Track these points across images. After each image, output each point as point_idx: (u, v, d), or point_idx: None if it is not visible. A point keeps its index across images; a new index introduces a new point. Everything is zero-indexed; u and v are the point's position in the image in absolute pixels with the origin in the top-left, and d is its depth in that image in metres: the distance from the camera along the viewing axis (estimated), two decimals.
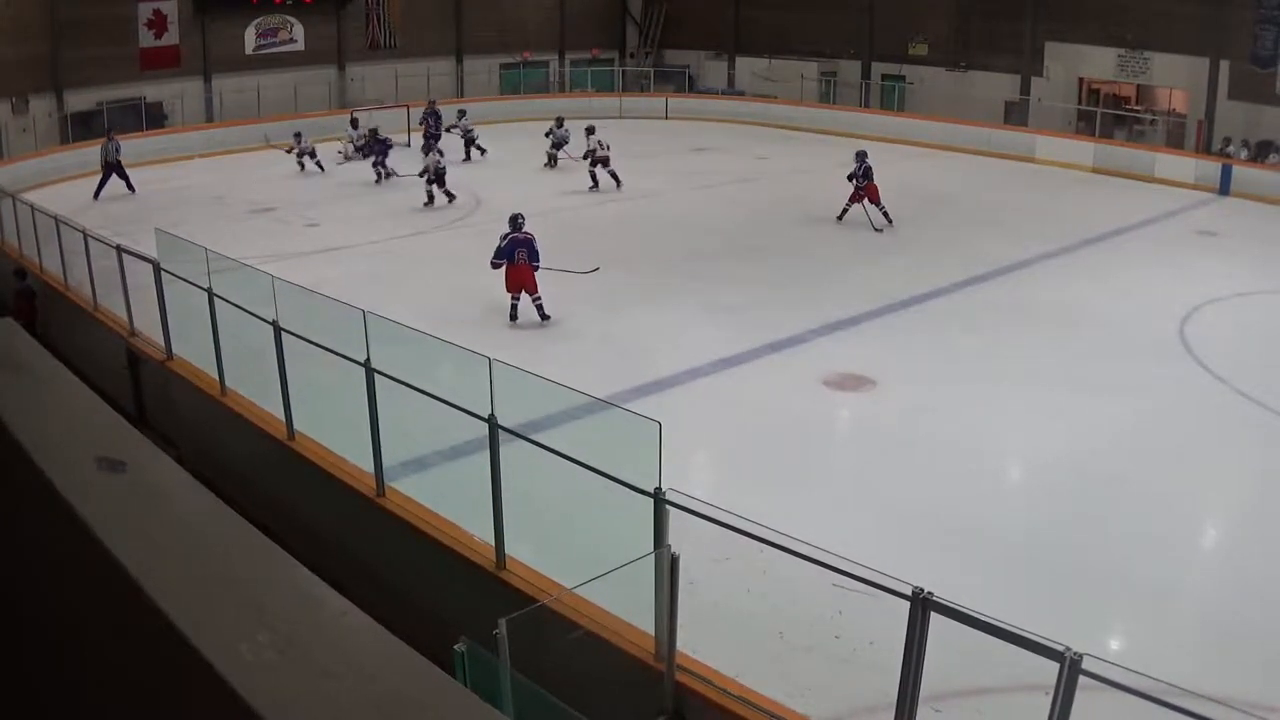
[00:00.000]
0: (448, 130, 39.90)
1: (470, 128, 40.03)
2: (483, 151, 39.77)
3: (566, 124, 38.37)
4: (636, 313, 21.07)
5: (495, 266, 20.96)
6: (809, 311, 21.47)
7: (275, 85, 45.11)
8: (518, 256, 20.78)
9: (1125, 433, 16.32)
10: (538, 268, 20.83)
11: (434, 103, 41.63)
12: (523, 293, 20.87)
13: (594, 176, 34.55)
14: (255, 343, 14.21)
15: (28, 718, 1.90)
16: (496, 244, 21.15)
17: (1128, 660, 7.24)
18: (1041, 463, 15.80)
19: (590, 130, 35.07)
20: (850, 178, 29.33)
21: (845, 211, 29.53)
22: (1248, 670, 10.48)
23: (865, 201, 29.13)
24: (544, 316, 20.80)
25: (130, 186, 34.49)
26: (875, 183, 29.13)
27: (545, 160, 38.13)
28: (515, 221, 21.22)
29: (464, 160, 38.86)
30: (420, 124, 40.43)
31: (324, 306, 13.84)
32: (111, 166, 34.41)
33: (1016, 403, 17.30)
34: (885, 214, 29.21)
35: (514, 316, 20.88)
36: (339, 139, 40.03)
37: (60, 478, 1.59)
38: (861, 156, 29.34)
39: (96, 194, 34.03)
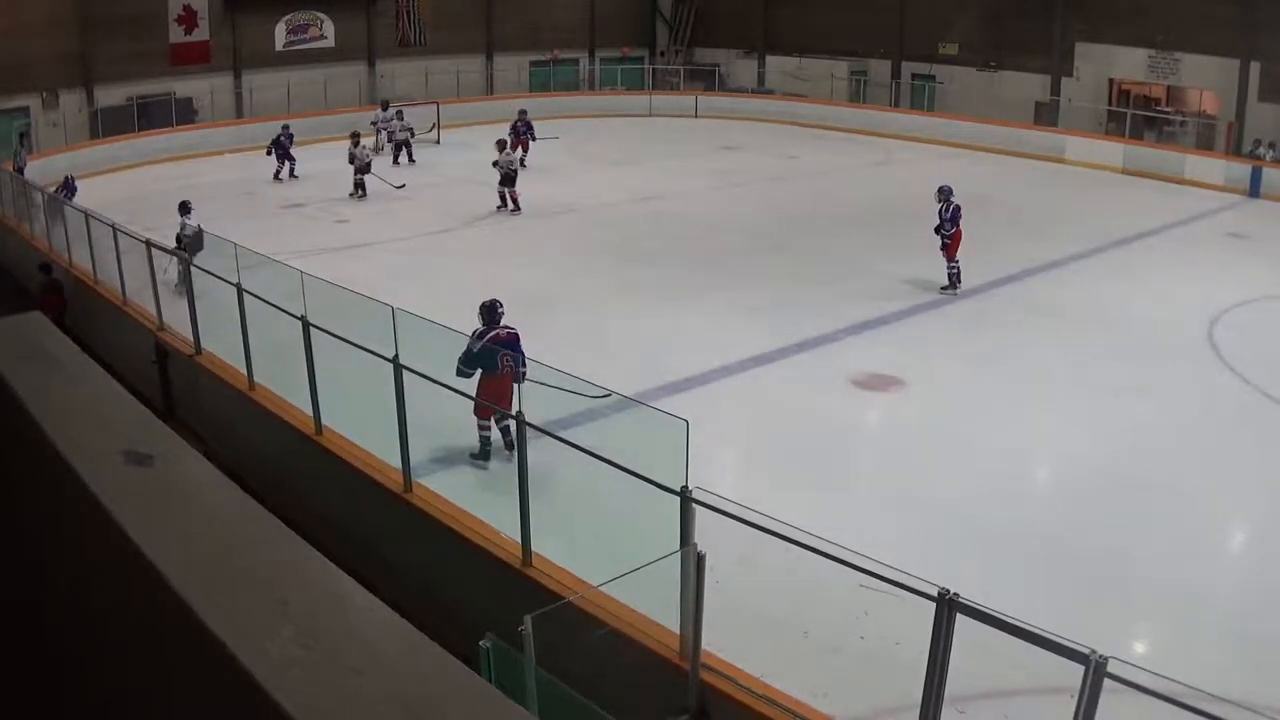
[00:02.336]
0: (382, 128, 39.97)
1: (409, 128, 39.73)
2: (412, 160, 38.98)
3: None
4: (664, 311, 21.05)
5: (465, 375, 13.98)
6: (838, 311, 21.42)
7: (305, 81, 45.27)
8: (503, 364, 14.11)
9: (1152, 434, 16.24)
10: (523, 377, 13.42)
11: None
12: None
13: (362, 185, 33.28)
14: (284, 338, 14.25)
15: (54, 710, 1.91)
16: (467, 345, 14.12)
17: (1152, 663, 7.22)
18: (1067, 464, 15.75)
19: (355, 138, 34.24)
20: (937, 230, 23.16)
21: (954, 278, 23.18)
22: (1273, 675, 10.43)
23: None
24: (511, 443, 13.71)
25: None
26: (961, 228, 23.07)
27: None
28: (494, 312, 14.81)
29: (393, 163, 38.43)
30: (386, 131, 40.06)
31: (353, 302, 13.87)
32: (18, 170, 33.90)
33: (1044, 404, 17.24)
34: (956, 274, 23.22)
35: (486, 454, 14.52)
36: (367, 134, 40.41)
37: (87, 471, 1.59)
38: (946, 194, 23.16)
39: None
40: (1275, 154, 36.38)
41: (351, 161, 32.97)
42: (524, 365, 13.72)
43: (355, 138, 33.69)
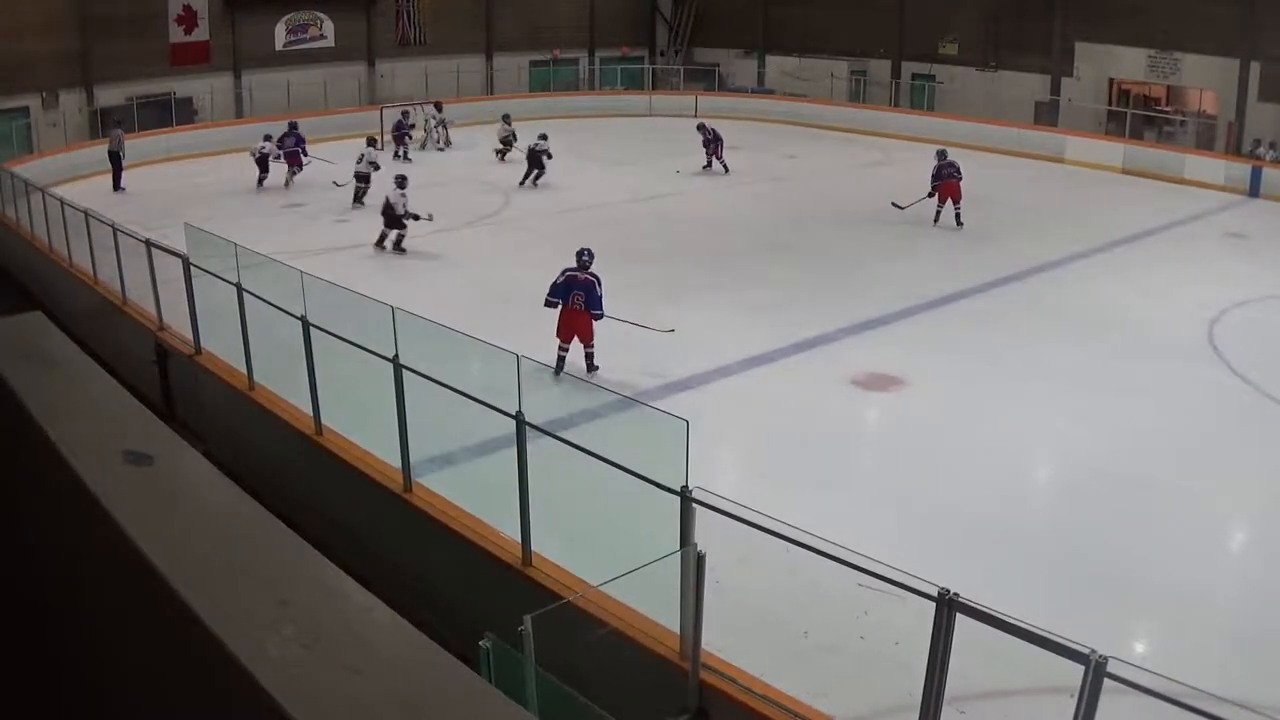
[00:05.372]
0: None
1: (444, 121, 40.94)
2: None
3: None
4: (665, 311, 21.00)
5: (549, 305, 17.92)
6: (838, 311, 21.43)
7: (305, 81, 45.23)
8: (573, 300, 17.72)
9: (1153, 434, 16.24)
10: (598, 317, 17.85)
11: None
12: (574, 340, 18.00)
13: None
14: (284, 338, 14.25)
15: (54, 709, 1.91)
16: (554, 278, 18.13)
17: (1152, 663, 7.23)
18: (1068, 464, 15.75)
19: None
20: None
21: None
22: (1272, 674, 10.44)
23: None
24: (592, 367, 18.04)
25: (117, 182, 35.07)
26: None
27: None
28: (579, 258, 18.17)
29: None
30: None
31: (353, 302, 13.86)
32: (112, 156, 35.09)
33: (1044, 403, 17.24)
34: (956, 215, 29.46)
35: (559, 370, 17.92)
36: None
37: (87, 471, 1.59)
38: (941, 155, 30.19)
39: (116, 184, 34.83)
40: (1275, 154, 36.38)
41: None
42: (598, 309, 17.69)
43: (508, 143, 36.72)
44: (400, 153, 38.64)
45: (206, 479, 1.70)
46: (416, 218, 26.19)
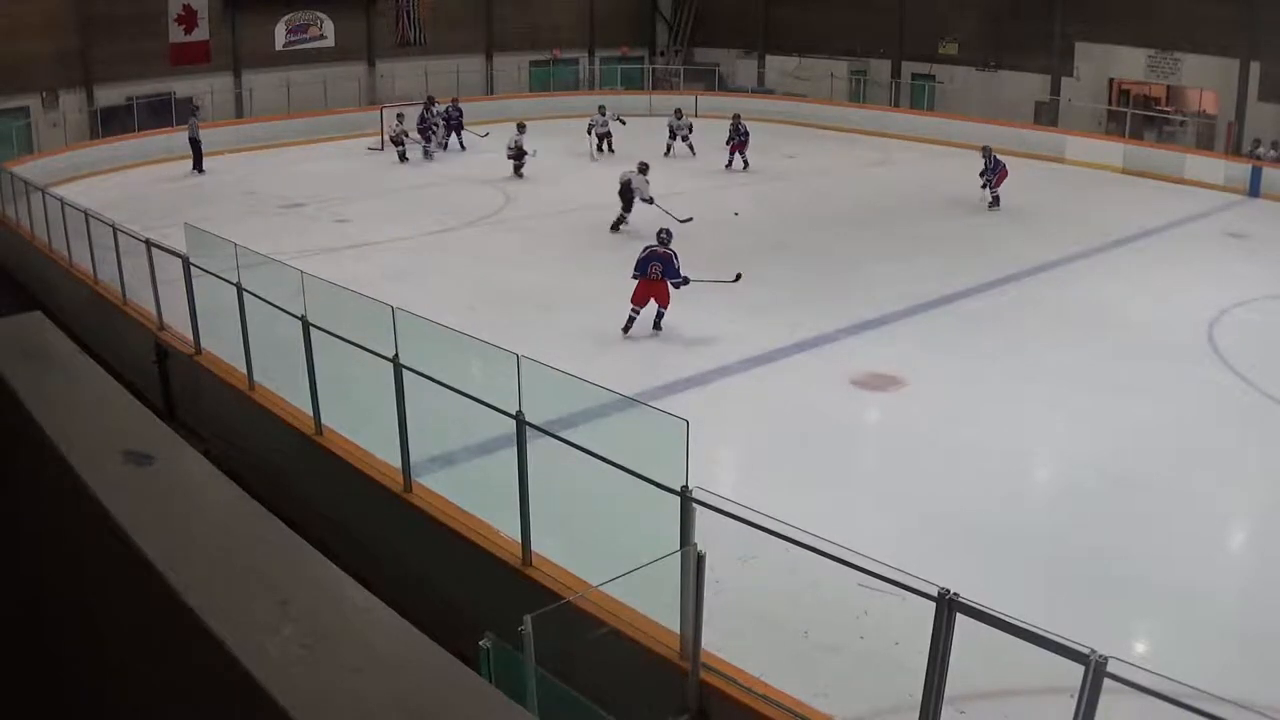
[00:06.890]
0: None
1: (609, 120, 41.32)
2: (612, 150, 40.69)
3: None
4: (664, 310, 21.06)
5: (635, 278, 20.44)
6: (838, 311, 21.42)
7: (305, 81, 45.27)
8: (651, 271, 20.29)
9: (1152, 434, 16.24)
10: (678, 284, 20.43)
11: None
12: (649, 302, 20.34)
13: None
14: (284, 338, 14.24)
15: (54, 709, 1.91)
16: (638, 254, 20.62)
17: (1152, 663, 7.22)
18: (1068, 464, 15.74)
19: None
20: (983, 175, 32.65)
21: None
22: (1273, 674, 10.43)
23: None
24: (657, 326, 20.49)
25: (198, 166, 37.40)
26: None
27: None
28: (658, 236, 21.09)
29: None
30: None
31: (353, 302, 13.85)
32: (192, 143, 37.30)
33: (1044, 404, 17.23)
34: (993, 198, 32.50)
35: (627, 329, 20.28)
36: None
37: (87, 471, 1.59)
38: (988, 152, 32.90)
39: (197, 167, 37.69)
40: (1275, 154, 36.37)
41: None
42: (676, 277, 20.34)
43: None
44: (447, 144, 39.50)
45: (206, 479, 1.70)
46: (650, 201, 27.66)
